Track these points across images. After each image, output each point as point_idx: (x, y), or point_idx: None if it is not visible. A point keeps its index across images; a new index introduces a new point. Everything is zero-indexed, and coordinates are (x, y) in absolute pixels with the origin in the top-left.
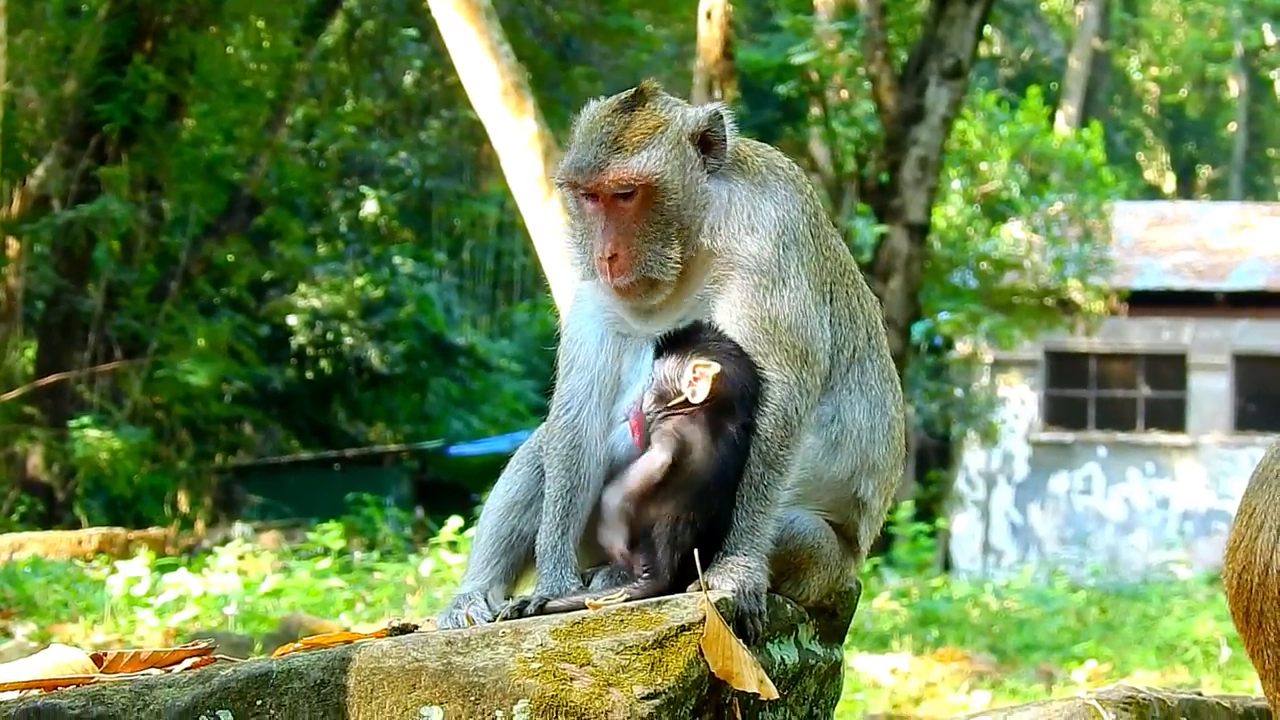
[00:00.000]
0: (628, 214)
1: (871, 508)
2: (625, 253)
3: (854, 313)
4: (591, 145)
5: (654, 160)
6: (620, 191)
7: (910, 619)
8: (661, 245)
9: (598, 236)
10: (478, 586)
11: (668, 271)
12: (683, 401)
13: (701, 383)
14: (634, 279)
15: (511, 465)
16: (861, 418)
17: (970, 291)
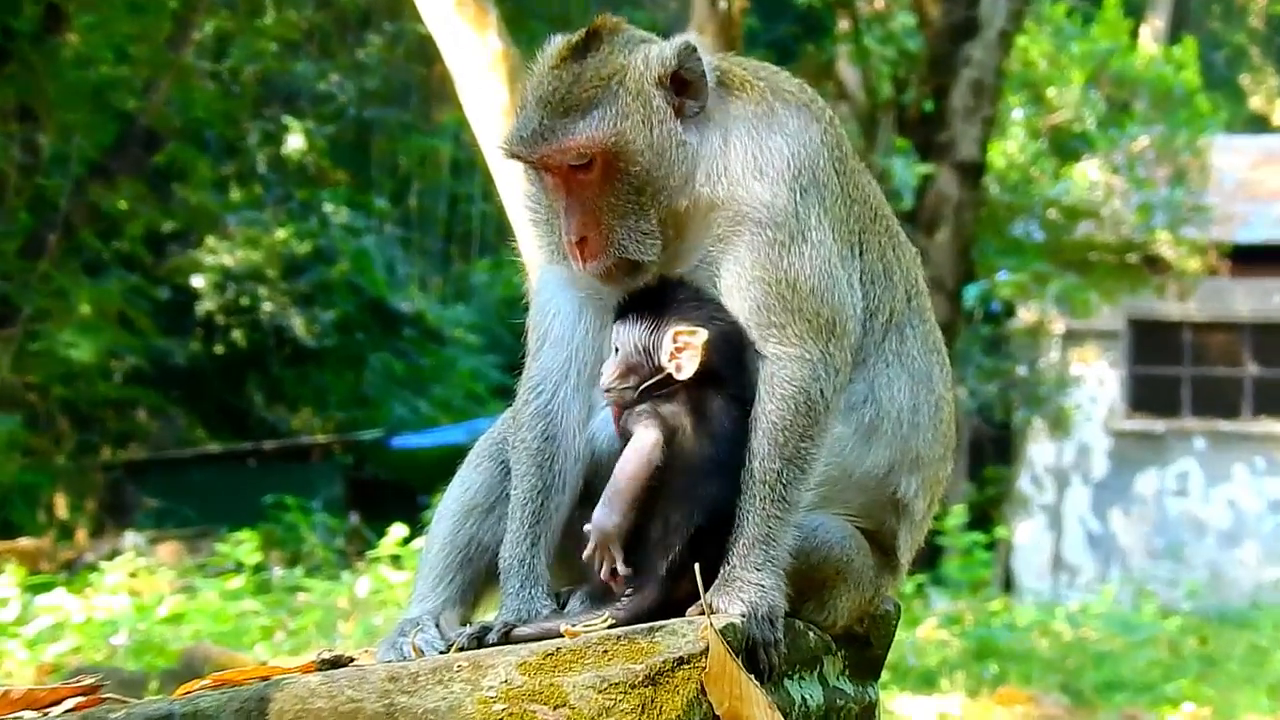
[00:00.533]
0: (590, 187)
1: (913, 511)
2: (595, 234)
3: (889, 267)
4: (534, 108)
5: (608, 120)
6: (575, 163)
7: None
8: (636, 219)
9: (561, 216)
10: (428, 610)
11: (647, 250)
12: (660, 379)
13: (687, 354)
14: (610, 262)
15: (469, 461)
16: (901, 397)
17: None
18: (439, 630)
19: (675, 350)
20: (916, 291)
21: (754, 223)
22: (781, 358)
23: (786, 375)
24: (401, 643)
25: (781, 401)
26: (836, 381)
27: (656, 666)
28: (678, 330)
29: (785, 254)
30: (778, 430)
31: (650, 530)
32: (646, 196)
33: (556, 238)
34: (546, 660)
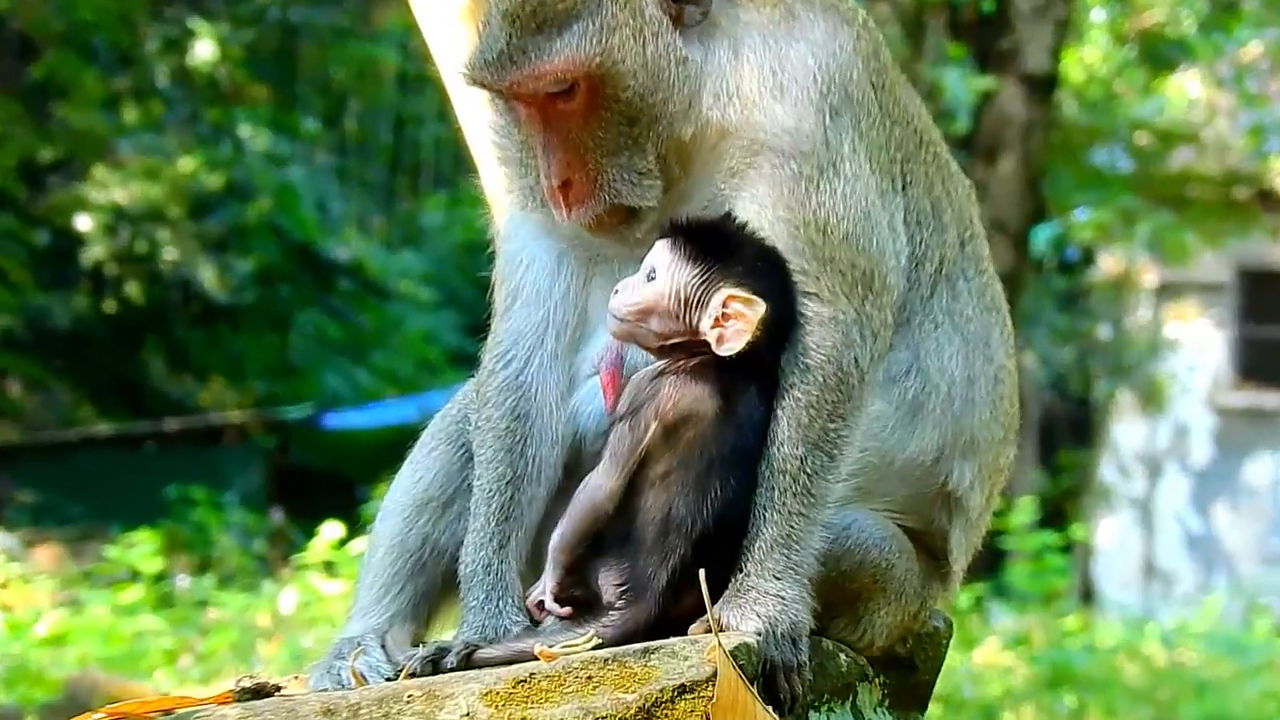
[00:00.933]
0: (572, 118)
1: (968, 505)
2: (582, 176)
3: (938, 205)
4: (500, 24)
5: (591, 35)
6: (553, 90)
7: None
8: (630, 156)
9: (539, 155)
10: (371, 627)
11: (645, 193)
12: (693, 343)
13: (736, 327)
14: (601, 209)
15: (423, 444)
16: (953, 366)
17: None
18: (385, 652)
19: (722, 316)
20: (971, 235)
21: (774, 153)
22: (809, 320)
23: (814, 341)
24: (339, 667)
25: (808, 373)
26: (874, 348)
27: (653, 696)
28: (732, 294)
29: (813, 191)
30: (802, 408)
31: (645, 530)
32: (641, 127)
33: (532, 180)
34: (518, 689)
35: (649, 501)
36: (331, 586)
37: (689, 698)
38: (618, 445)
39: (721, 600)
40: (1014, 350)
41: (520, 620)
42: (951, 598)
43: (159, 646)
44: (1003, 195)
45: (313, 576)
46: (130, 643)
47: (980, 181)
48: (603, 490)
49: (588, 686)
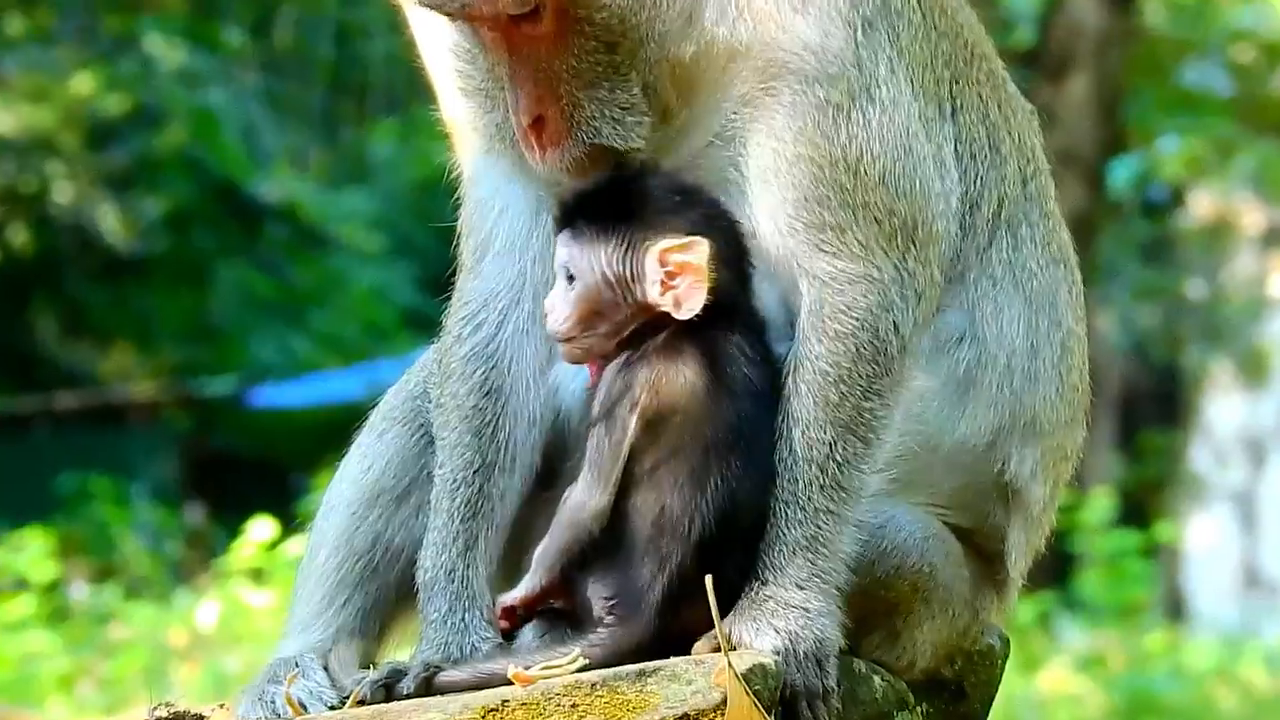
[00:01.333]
0: (542, 44)
1: (1029, 499)
2: (555, 111)
3: (995, 133)
4: None
5: None
6: (515, 12)
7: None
8: (610, 88)
9: (507, 89)
10: (312, 644)
11: (630, 130)
12: (652, 320)
13: (688, 280)
14: (580, 151)
15: (372, 425)
16: (1013, 332)
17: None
18: (329, 674)
19: (667, 276)
20: (1035, 170)
21: (795, 76)
22: (837, 277)
23: (844, 302)
24: (273, 693)
25: (836, 341)
26: (917, 310)
27: None
28: (665, 247)
29: (842, 121)
30: (830, 383)
31: (636, 534)
32: (623, 53)
33: (500, 116)
34: (488, 718)
35: (638, 502)
36: (261, 597)
37: None
38: (596, 455)
39: (733, 613)
40: (1084, 311)
41: (490, 636)
42: (1009, 610)
43: (53, 669)
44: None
45: (238, 586)
46: (17, 665)
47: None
48: (586, 509)
49: (572, 716)
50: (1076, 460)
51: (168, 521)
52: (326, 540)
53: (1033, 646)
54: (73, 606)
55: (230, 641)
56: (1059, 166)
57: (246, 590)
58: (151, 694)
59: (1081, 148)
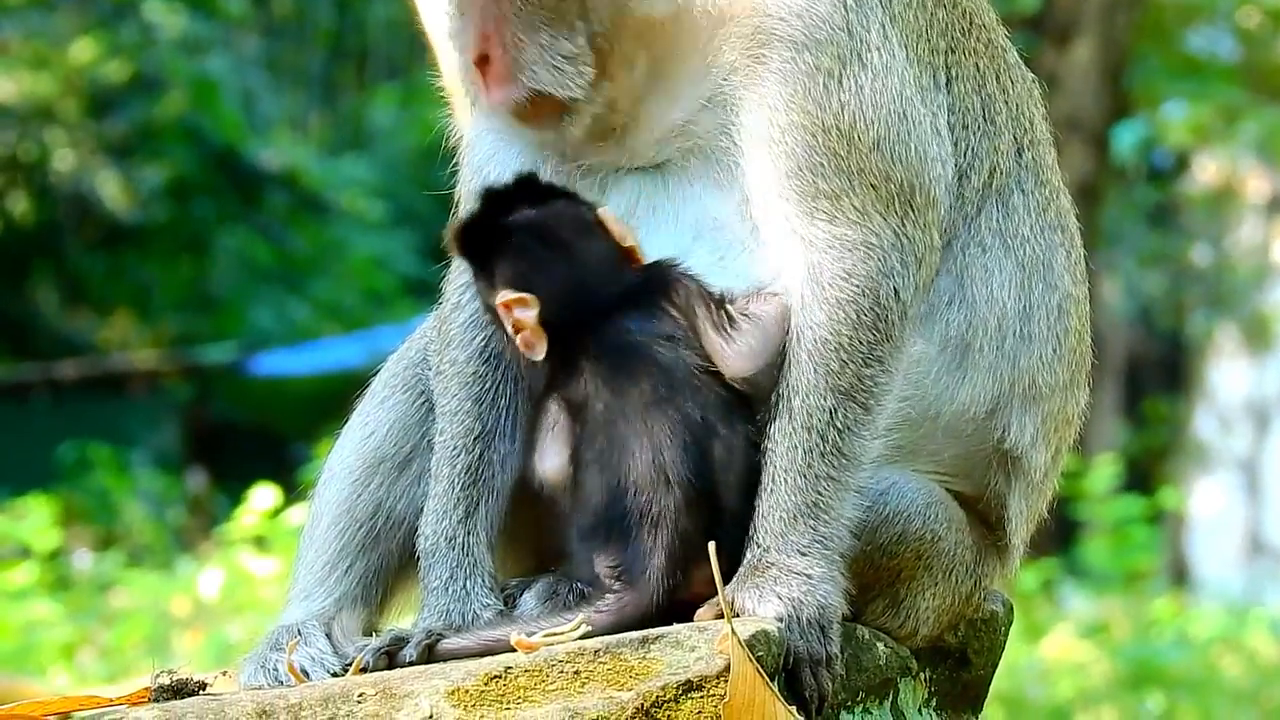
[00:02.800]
0: None
1: (1030, 465)
2: (500, 52)
3: (990, 103)
4: None
5: None
6: None
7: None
8: (553, 33)
9: (460, 28)
10: (314, 612)
11: (569, 81)
12: None
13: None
14: (522, 95)
15: (373, 393)
16: (1004, 295)
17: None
18: (331, 642)
19: (514, 325)
20: (1032, 140)
21: (784, 43)
22: (834, 244)
23: (843, 269)
24: (276, 660)
25: (835, 308)
26: (916, 277)
27: (653, 695)
28: (503, 300)
29: (834, 88)
30: (830, 351)
31: (626, 500)
32: (570, 2)
33: None
34: (491, 686)
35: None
36: (264, 565)
37: (696, 696)
38: None
39: (735, 580)
40: (1083, 276)
41: (492, 604)
42: (1012, 576)
43: (54, 638)
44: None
45: (241, 553)
46: (20, 634)
47: (1051, 71)
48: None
49: (575, 683)
50: (1077, 425)
51: (169, 490)
52: (328, 508)
53: (1037, 614)
54: (74, 575)
55: (232, 610)
56: (1064, 132)
57: (249, 558)
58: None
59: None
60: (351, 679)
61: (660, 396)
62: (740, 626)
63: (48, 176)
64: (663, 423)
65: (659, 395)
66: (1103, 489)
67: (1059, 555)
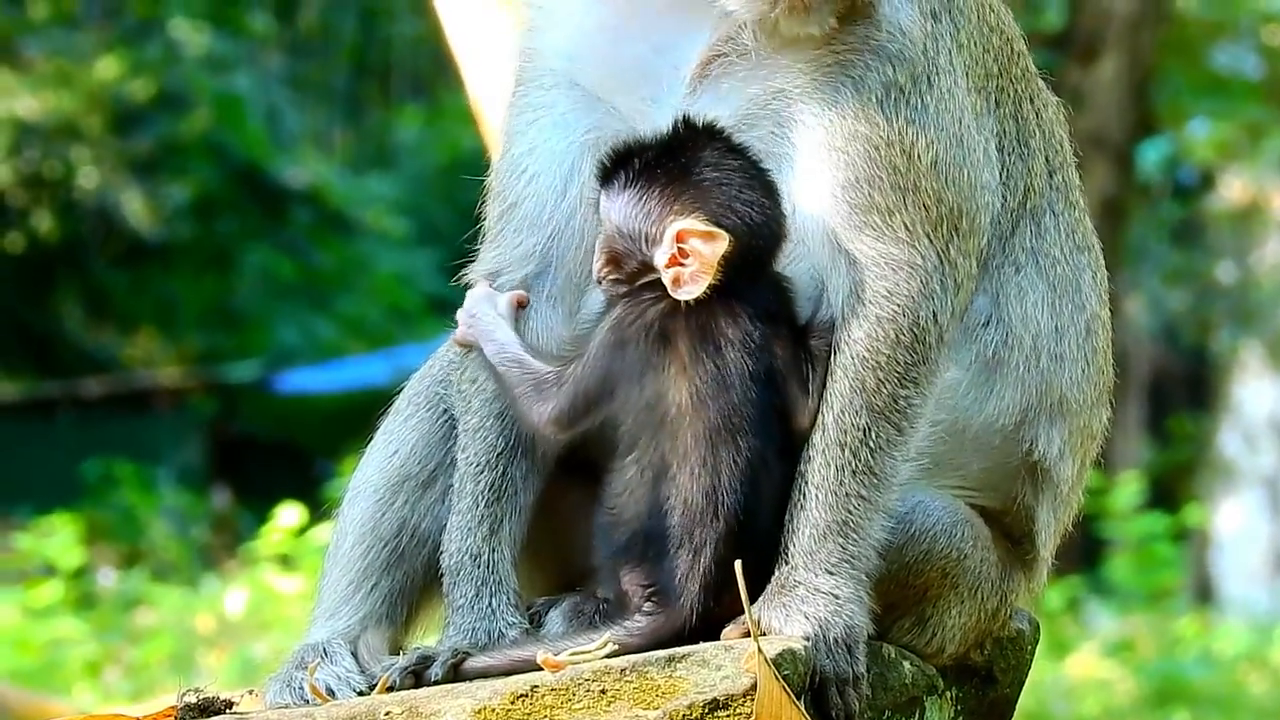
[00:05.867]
0: None
1: (1057, 479)
2: None
3: (1025, 127)
4: None
5: None
6: None
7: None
8: None
9: None
10: (339, 631)
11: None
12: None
13: (693, 266)
14: None
15: (397, 411)
16: (1038, 316)
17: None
18: (356, 661)
19: (677, 254)
20: (1062, 163)
21: (874, 52)
22: (880, 261)
23: (886, 287)
24: (300, 679)
25: (876, 326)
26: (955, 302)
27: (680, 714)
28: (686, 228)
29: (901, 104)
30: (869, 369)
31: (667, 523)
32: None
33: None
34: (517, 705)
35: (664, 492)
36: (288, 583)
37: (723, 715)
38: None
39: (762, 598)
40: (1107, 297)
41: (518, 621)
42: (1038, 593)
43: (80, 656)
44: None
45: (266, 571)
46: (45, 652)
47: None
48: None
49: (601, 701)
50: (1100, 440)
51: (194, 507)
52: (352, 526)
53: (1062, 632)
54: (100, 592)
55: (258, 628)
56: (1088, 149)
57: (273, 576)
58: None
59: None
60: (377, 698)
61: (735, 426)
62: (767, 645)
63: (72, 193)
64: (730, 454)
65: (733, 425)
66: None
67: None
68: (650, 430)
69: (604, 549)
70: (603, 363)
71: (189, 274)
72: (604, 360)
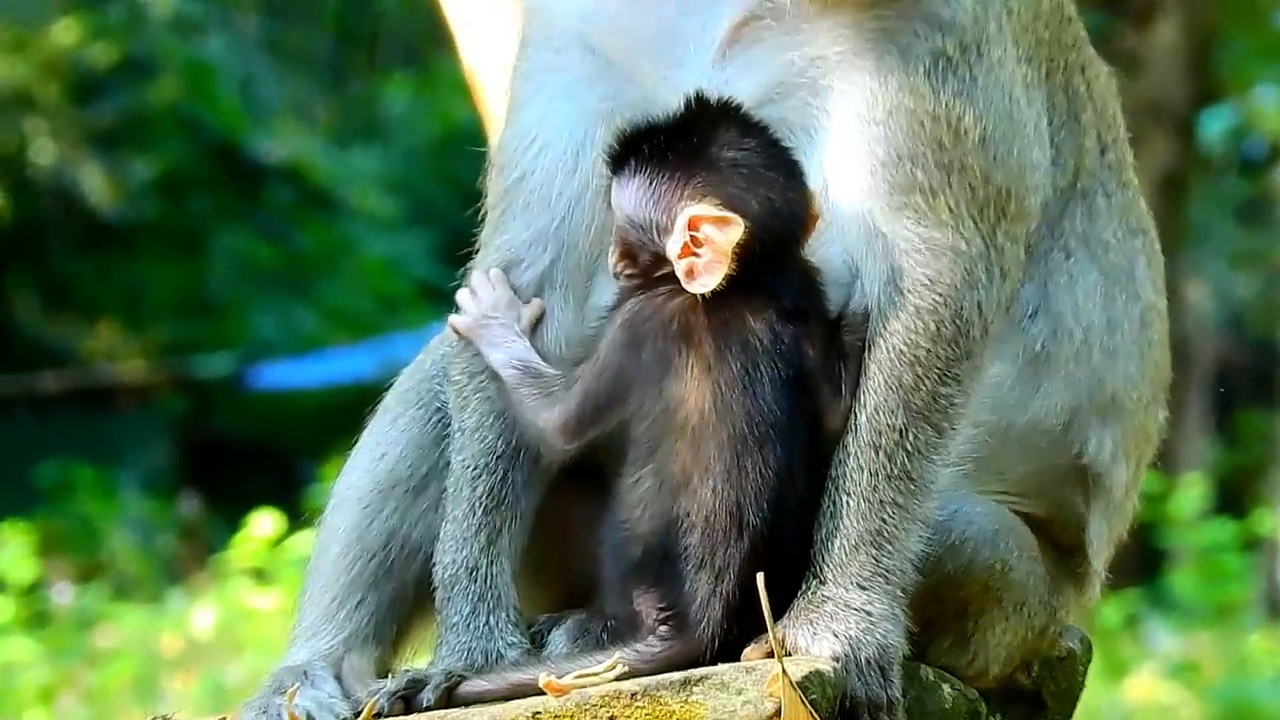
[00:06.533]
0: None
1: (1110, 484)
2: None
3: (1076, 100)
4: None
5: None
6: None
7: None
8: None
9: None
10: (322, 652)
11: None
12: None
13: (708, 256)
14: None
15: (386, 409)
16: (1089, 306)
17: None
18: (340, 684)
19: (690, 243)
20: (1115, 139)
21: (922, 18)
22: (920, 246)
23: (927, 275)
24: (279, 706)
25: (914, 317)
26: (1001, 292)
27: None
28: (699, 214)
29: (949, 75)
30: (906, 365)
31: (686, 539)
32: None
33: None
34: None
35: (682, 507)
36: (264, 599)
37: None
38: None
39: (787, 615)
40: (1164, 285)
41: (518, 641)
42: (1090, 607)
43: (33, 680)
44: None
45: (239, 586)
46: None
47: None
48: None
49: None
50: (1159, 441)
51: (160, 515)
52: (337, 536)
53: (1119, 651)
54: (55, 610)
55: (230, 649)
56: (1146, 120)
57: (248, 592)
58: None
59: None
60: None
61: (762, 435)
62: (792, 667)
63: (26, 170)
64: (757, 466)
65: (760, 433)
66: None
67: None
68: (669, 438)
69: (615, 566)
70: (615, 364)
71: (156, 258)
72: (616, 361)
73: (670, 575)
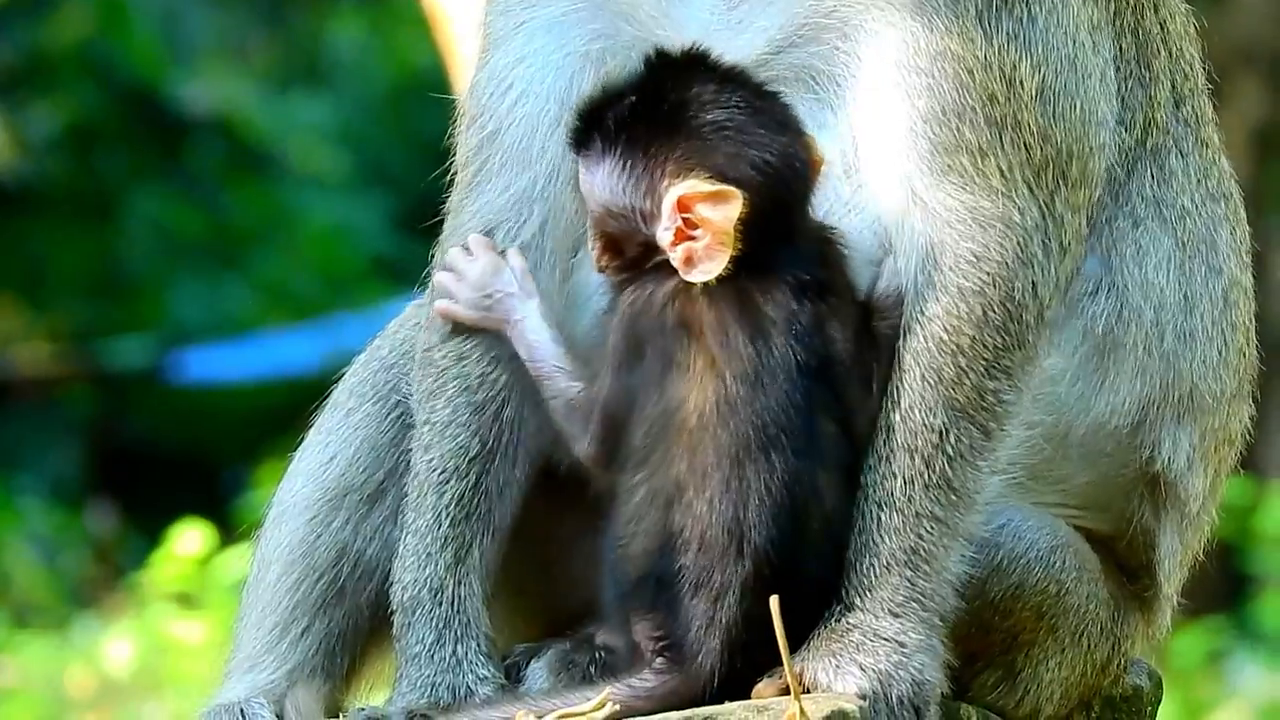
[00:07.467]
0: None
1: (1185, 494)
2: None
3: (1148, 44)
4: None
5: None
6: None
7: None
8: None
9: None
10: (261, 687)
11: None
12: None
13: (705, 239)
14: None
15: (336, 404)
16: (1160, 279)
17: None
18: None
19: (683, 227)
20: (1192, 90)
21: None
22: (966, 217)
23: (973, 250)
24: None
25: (957, 299)
26: (1059, 269)
27: None
28: (688, 192)
29: (1005, 15)
30: (945, 354)
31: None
32: None
33: None
34: None
35: (677, 524)
36: (190, 628)
37: None
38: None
39: (807, 646)
40: (1250, 258)
41: (491, 675)
42: (1161, 638)
43: None
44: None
45: (160, 613)
46: None
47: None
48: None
49: None
50: (1243, 444)
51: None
52: (279, 553)
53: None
54: None
55: (149, 687)
56: (1233, 67)
57: (170, 619)
58: None
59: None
60: None
61: (769, 439)
62: (811, 706)
63: None
64: (762, 475)
65: (767, 437)
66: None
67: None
68: (665, 443)
69: (611, 588)
70: (622, 379)
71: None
72: (621, 373)
73: (666, 600)
